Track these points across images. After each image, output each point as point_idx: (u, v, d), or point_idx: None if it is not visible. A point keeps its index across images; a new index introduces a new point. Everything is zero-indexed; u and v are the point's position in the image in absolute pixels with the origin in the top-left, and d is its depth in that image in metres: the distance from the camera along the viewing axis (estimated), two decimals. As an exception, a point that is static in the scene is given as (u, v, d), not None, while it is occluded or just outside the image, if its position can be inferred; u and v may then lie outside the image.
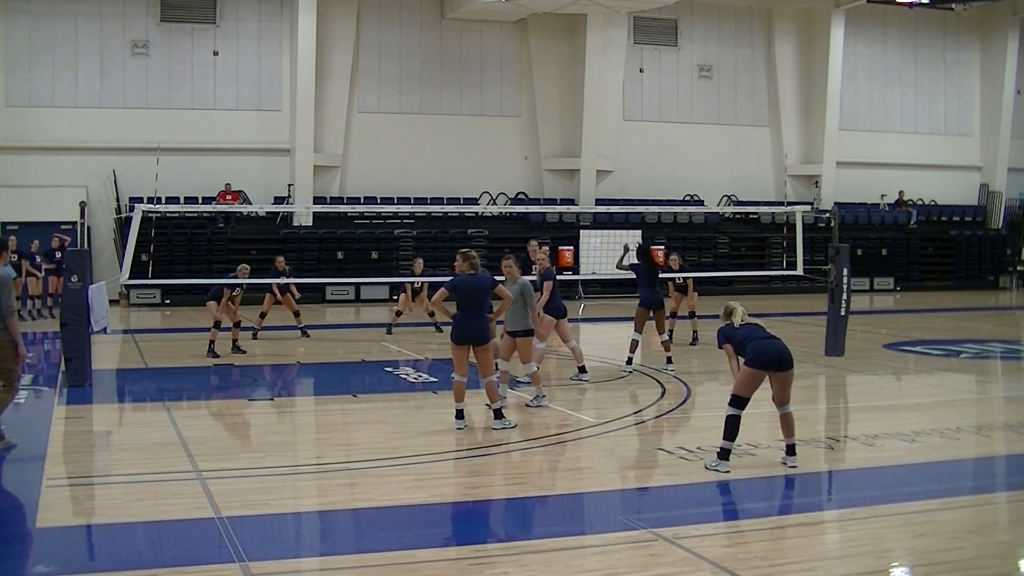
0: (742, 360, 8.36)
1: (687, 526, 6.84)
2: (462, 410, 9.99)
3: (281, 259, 18.14)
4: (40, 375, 13.83)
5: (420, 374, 13.49)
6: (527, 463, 8.78)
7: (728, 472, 8.14)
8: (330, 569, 6.22)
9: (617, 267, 14.17)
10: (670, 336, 15.13)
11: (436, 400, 11.93)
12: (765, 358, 8.19)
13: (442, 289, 10.14)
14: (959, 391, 13.14)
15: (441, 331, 18.03)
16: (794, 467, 8.30)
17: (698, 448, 8.93)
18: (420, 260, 18.96)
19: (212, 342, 15.33)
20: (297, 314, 18.05)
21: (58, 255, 21.38)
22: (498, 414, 9.97)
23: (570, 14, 28.13)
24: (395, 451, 9.17)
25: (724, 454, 8.26)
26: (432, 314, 18.15)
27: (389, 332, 18.25)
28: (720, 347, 8.61)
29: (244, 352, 15.80)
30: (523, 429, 10.01)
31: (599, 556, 6.31)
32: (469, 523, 7.23)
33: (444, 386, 12.70)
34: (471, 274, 10.04)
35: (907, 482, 8.27)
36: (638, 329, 13.48)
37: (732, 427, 8.23)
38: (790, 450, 8.41)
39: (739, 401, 8.24)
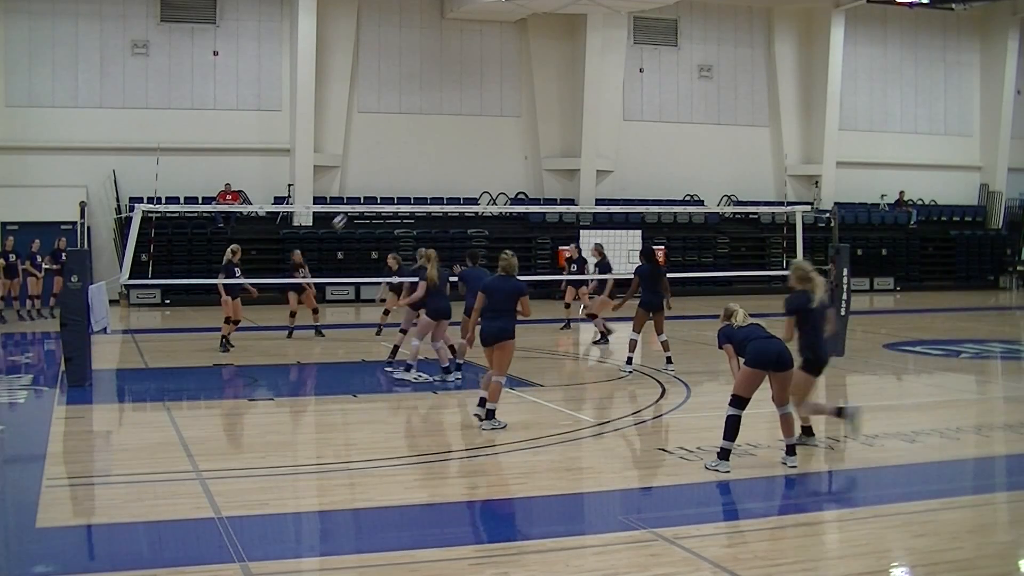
0: (742, 360, 8.38)
1: (687, 526, 6.85)
2: (494, 410, 10.06)
3: (298, 252, 18.40)
4: (40, 375, 13.82)
5: (420, 374, 13.48)
6: (527, 463, 8.78)
7: (728, 472, 8.14)
8: (330, 569, 6.22)
9: (626, 296, 14.31)
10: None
11: (436, 400, 11.93)
12: (765, 358, 8.22)
13: (480, 295, 10.24)
14: (959, 391, 13.14)
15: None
16: (794, 467, 8.31)
17: (698, 448, 8.93)
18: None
19: (225, 337, 15.83)
20: (316, 311, 18.27)
21: (64, 256, 21.39)
22: (490, 414, 10.00)
23: (570, 14, 28.12)
24: (395, 451, 9.17)
25: (724, 454, 8.27)
26: None
27: (379, 333, 17.99)
28: (720, 347, 8.63)
29: (324, 335, 17.46)
30: (523, 429, 10.01)
31: (599, 556, 6.31)
32: (469, 523, 7.24)
33: (444, 386, 12.72)
34: (503, 276, 10.21)
35: (907, 482, 8.27)
36: (636, 330, 13.51)
37: (732, 427, 8.24)
38: (790, 450, 8.42)
39: (739, 401, 8.25)
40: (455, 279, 13.32)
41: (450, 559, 6.18)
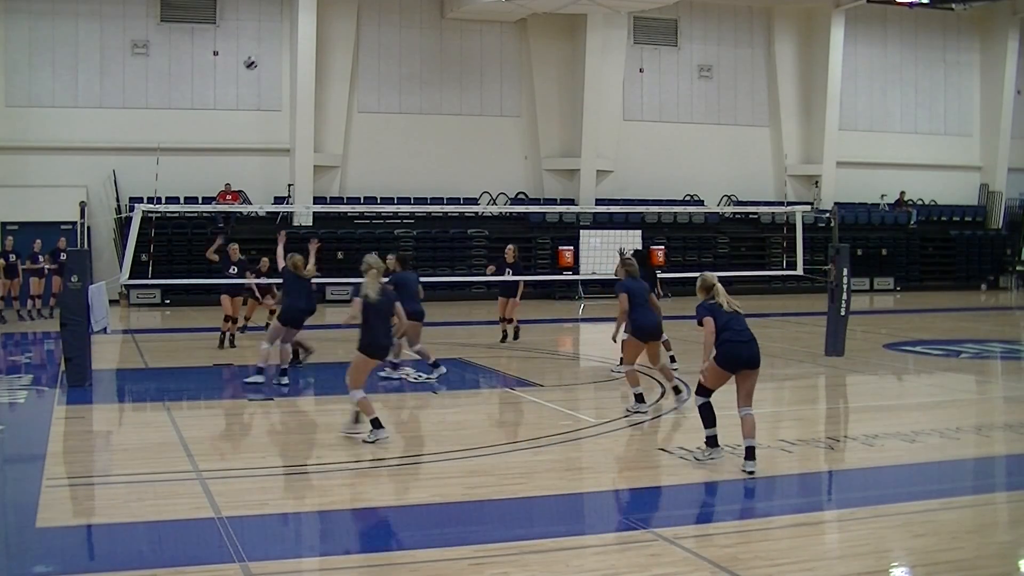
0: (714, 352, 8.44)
1: (687, 526, 6.85)
2: (641, 393, 10.87)
3: (266, 260, 18.01)
4: (40, 375, 13.82)
5: (420, 374, 13.48)
6: (527, 463, 8.78)
7: (722, 458, 8.28)
8: (330, 569, 6.22)
9: (616, 273, 14.30)
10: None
11: (436, 400, 11.93)
12: (737, 361, 8.32)
13: (624, 295, 10.84)
14: (959, 391, 13.14)
15: None
16: (752, 472, 8.07)
17: (698, 448, 8.93)
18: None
19: (226, 334, 16.13)
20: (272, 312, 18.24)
21: (63, 255, 21.40)
22: (677, 389, 11.16)
23: (570, 14, 28.12)
24: (395, 451, 9.17)
25: (711, 441, 8.46)
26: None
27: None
28: (700, 322, 8.43)
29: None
30: (523, 429, 10.01)
31: (599, 556, 6.31)
32: (469, 523, 7.23)
33: (444, 386, 12.72)
34: (633, 278, 11.07)
35: (907, 482, 8.27)
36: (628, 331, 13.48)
37: (707, 415, 8.46)
38: (749, 453, 8.18)
39: (706, 391, 8.47)
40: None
41: (450, 559, 6.18)
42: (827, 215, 21.39)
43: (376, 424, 9.28)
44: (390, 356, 13.17)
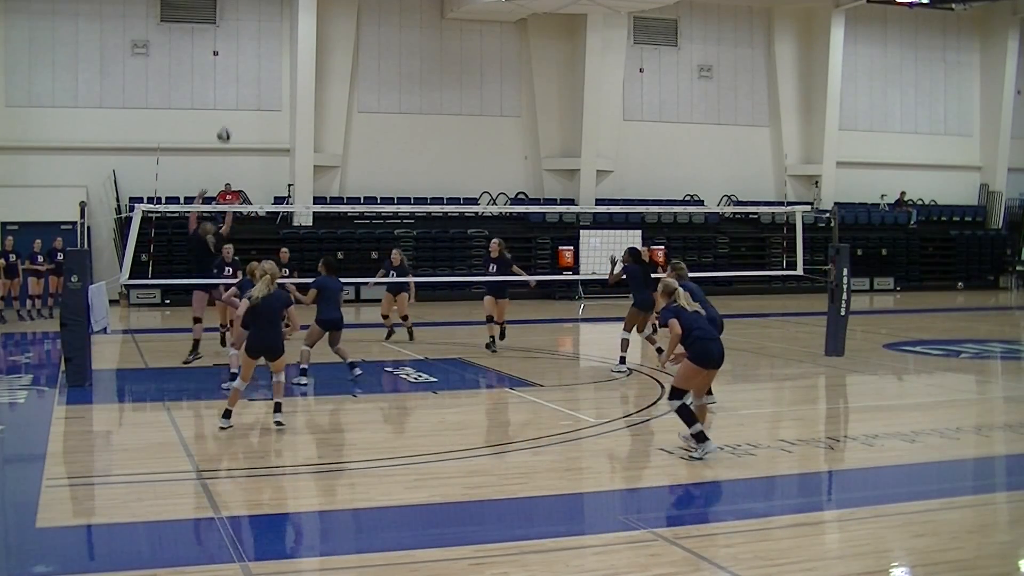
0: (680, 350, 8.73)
1: (687, 526, 6.85)
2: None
3: (285, 251, 18.21)
4: (40, 375, 13.82)
5: (420, 374, 13.48)
6: (527, 463, 8.78)
7: (715, 451, 8.41)
8: (330, 569, 6.22)
9: (609, 282, 14.21)
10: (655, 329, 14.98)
11: (436, 400, 11.93)
12: (710, 359, 8.65)
13: (681, 327, 10.86)
14: (959, 391, 13.13)
15: (413, 340, 17.35)
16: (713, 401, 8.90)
17: (695, 448, 8.92)
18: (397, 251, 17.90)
19: (226, 335, 15.71)
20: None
21: (59, 255, 21.41)
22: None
23: (570, 14, 28.12)
24: (395, 451, 9.17)
25: (700, 437, 8.59)
26: (406, 318, 17.39)
27: (388, 337, 17.78)
28: (665, 324, 8.80)
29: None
30: (523, 429, 10.01)
31: (599, 556, 6.31)
32: (469, 523, 7.23)
33: (444, 386, 12.72)
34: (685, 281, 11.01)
35: (907, 482, 8.27)
36: (627, 329, 13.48)
37: (687, 414, 8.64)
38: (700, 436, 8.72)
39: (681, 393, 8.69)
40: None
41: (450, 559, 6.18)
42: (827, 215, 21.39)
43: (226, 414, 9.85)
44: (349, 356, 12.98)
